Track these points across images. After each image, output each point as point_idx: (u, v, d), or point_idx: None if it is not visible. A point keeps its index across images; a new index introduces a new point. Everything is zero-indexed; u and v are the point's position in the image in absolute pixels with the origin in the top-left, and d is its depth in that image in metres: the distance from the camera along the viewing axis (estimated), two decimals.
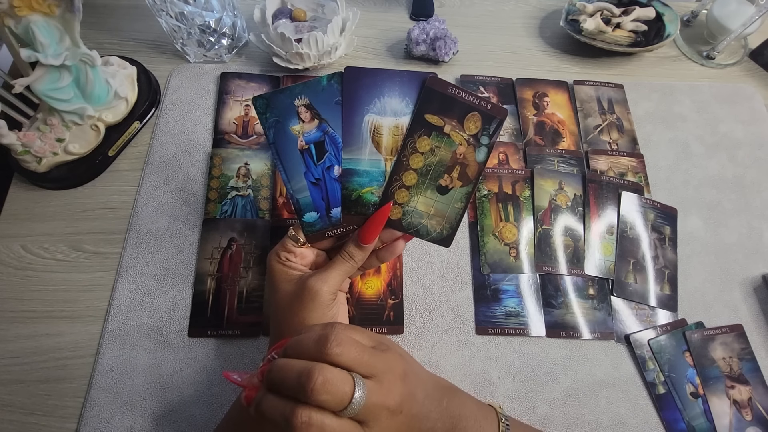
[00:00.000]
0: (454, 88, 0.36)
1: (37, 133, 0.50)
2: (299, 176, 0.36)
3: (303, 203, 0.37)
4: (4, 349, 0.45)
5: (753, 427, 0.45)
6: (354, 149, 0.36)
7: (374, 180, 0.37)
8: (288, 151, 0.36)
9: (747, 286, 0.52)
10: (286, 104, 0.35)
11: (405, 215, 0.38)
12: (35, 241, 0.50)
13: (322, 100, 0.35)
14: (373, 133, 0.36)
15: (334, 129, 0.35)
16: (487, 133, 0.38)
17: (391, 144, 0.36)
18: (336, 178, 0.36)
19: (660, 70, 0.67)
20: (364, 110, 0.36)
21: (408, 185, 0.38)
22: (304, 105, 0.35)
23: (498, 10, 0.71)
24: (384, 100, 0.35)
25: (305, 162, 0.36)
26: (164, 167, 0.54)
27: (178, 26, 0.56)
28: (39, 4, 0.44)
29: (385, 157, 0.36)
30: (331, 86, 0.35)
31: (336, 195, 0.36)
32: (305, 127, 0.35)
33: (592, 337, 0.48)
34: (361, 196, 0.37)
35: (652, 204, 0.55)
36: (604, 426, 0.45)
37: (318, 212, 0.37)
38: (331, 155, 0.36)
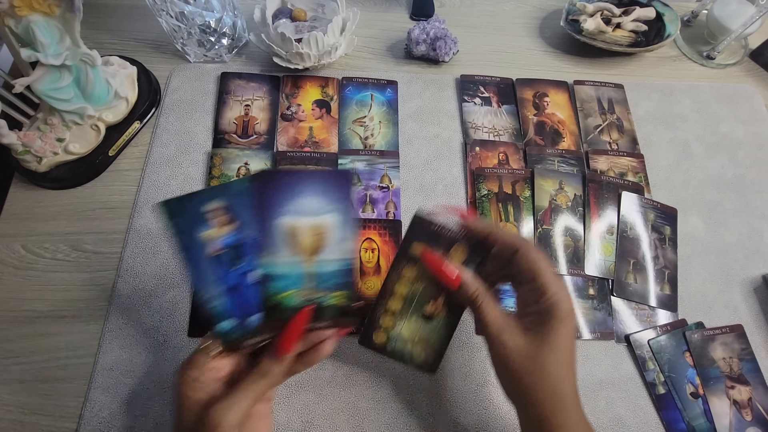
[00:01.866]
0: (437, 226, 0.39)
1: (37, 132, 0.50)
2: (212, 283, 0.33)
3: (218, 312, 0.33)
4: (5, 349, 0.45)
5: (753, 427, 0.45)
6: (270, 252, 0.34)
7: (294, 284, 0.34)
8: (198, 258, 0.33)
9: (747, 286, 0.52)
10: (197, 209, 0.33)
11: (389, 341, 0.39)
12: (36, 241, 0.50)
13: (240, 202, 0.33)
14: (290, 234, 0.34)
15: (250, 232, 0.34)
16: (474, 263, 0.38)
17: (310, 244, 0.34)
18: (254, 283, 0.34)
19: (660, 70, 0.67)
20: (280, 212, 0.34)
21: (393, 311, 0.39)
22: (219, 208, 0.33)
23: (498, 10, 0.71)
24: (300, 201, 0.34)
25: (219, 268, 0.33)
26: (164, 167, 0.54)
27: (179, 26, 0.56)
28: (39, 4, 0.44)
29: (304, 258, 0.34)
30: (246, 189, 0.33)
31: (254, 301, 0.34)
32: (220, 231, 0.33)
33: (592, 337, 0.48)
34: (281, 301, 0.34)
35: (653, 204, 0.55)
36: (605, 426, 0.45)
37: (234, 320, 0.34)
38: (248, 260, 0.34)
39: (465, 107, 0.60)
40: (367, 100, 0.60)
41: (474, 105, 0.60)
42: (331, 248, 0.35)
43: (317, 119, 0.58)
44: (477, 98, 0.61)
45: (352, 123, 0.58)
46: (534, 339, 0.33)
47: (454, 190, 0.55)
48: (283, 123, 0.57)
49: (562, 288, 0.34)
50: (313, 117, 0.58)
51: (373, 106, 0.59)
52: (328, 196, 0.34)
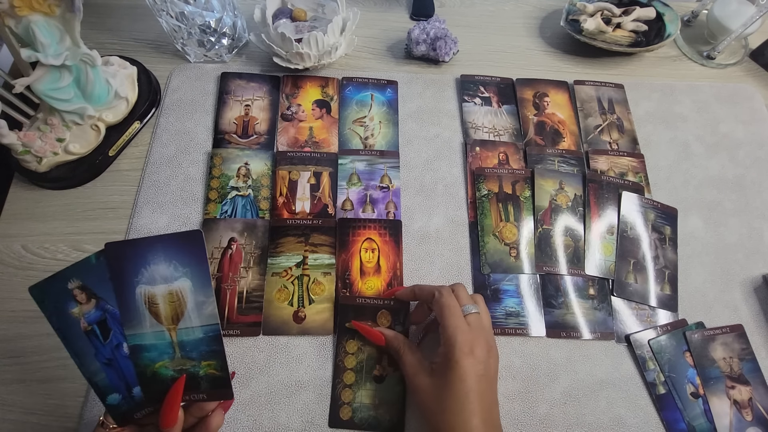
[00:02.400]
0: (361, 299, 0.47)
1: (37, 132, 0.50)
2: (90, 359, 0.34)
3: (102, 385, 0.34)
4: (5, 349, 0.45)
5: (753, 427, 0.45)
6: (135, 324, 0.34)
7: (164, 353, 0.35)
8: (74, 335, 0.34)
9: (747, 286, 0.52)
10: (61, 289, 0.34)
11: (354, 412, 0.43)
12: (36, 241, 0.50)
13: (95, 278, 0.34)
14: (149, 304, 0.34)
15: (113, 306, 0.34)
16: (399, 322, 0.47)
17: (170, 312, 0.34)
18: (127, 356, 0.34)
19: (660, 70, 0.67)
20: (134, 282, 0.34)
21: (349, 384, 0.44)
22: (77, 287, 0.34)
23: (498, 10, 0.71)
24: (151, 269, 0.34)
25: (93, 343, 0.34)
26: (164, 167, 0.54)
27: (179, 26, 0.56)
28: (39, 4, 0.44)
29: (167, 327, 0.34)
30: (101, 263, 0.33)
31: (132, 373, 0.34)
32: (83, 309, 0.34)
33: (593, 337, 0.48)
34: (156, 372, 0.35)
35: (653, 204, 0.55)
36: (605, 426, 0.45)
37: (119, 393, 0.34)
38: (116, 332, 0.34)
39: (465, 107, 0.60)
40: (368, 100, 0.60)
41: (474, 105, 0.60)
42: (191, 315, 0.35)
43: (317, 119, 0.58)
44: (477, 98, 0.61)
45: (353, 123, 0.58)
46: (438, 380, 0.37)
47: (454, 190, 0.55)
48: (283, 123, 0.57)
49: (464, 333, 0.38)
50: (314, 117, 0.58)
51: (373, 106, 0.59)
52: (179, 260, 0.34)
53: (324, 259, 0.49)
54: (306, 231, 0.51)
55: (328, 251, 0.50)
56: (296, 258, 0.49)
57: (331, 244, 0.50)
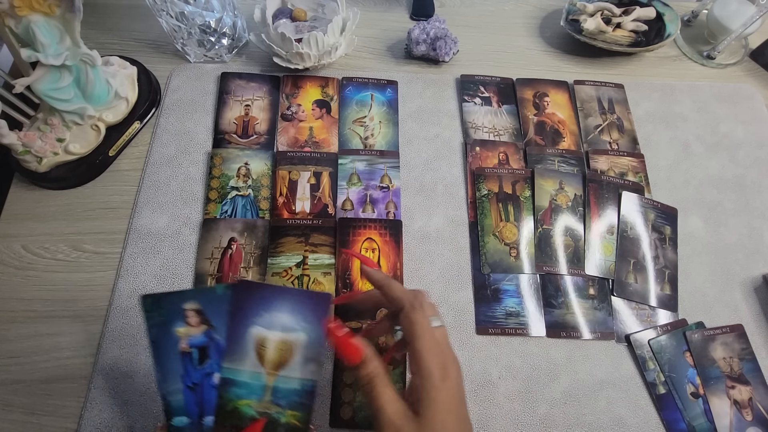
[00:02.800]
0: None
1: (37, 133, 0.50)
2: (176, 378, 0.35)
3: (174, 406, 0.35)
4: (5, 349, 0.45)
5: (753, 427, 0.45)
6: (236, 359, 0.35)
7: (253, 393, 0.35)
8: (168, 351, 0.35)
9: (747, 286, 0.52)
10: (176, 306, 0.35)
11: (355, 412, 0.43)
12: (36, 241, 0.50)
13: (215, 308, 0.35)
14: (258, 345, 0.35)
15: (220, 338, 0.35)
16: None
17: (276, 358, 0.35)
18: (214, 386, 0.35)
19: (660, 69, 0.67)
20: (251, 321, 0.35)
21: (349, 383, 0.43)
22: (194, 309, 0.35)
23: (498, 10, 0.71)
24: (272, 315, 0.35)
25: (184, 365, 0.35)
26: (164, 167, 0.54)
27: (179, 26, 0.56)
28: (39, 4, 0.44)
29: (267, 371, 0.35)
30: (225, 295, 0.35)
31: (212, 403, 0.35)
32: (191, 331, 0.35)
33: (593, 337, 0.48)
34: (238, 408, 0.35)
35: (653, 204, 0.55)
36: (605, 426, 0.45)
37: (189, 418, 0.35)
38: (214, 362, 0.35)
39: (465, 107, 0.60)
40: (368, 100, 0.60)
41: (474, 105, 0.60)
42: (296, 366, 0.35)
43: (317, 119, 0.58)
44: (477, 98, 0.61)
45: (353, 123, 0.58)
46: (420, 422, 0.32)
47: (454, 190, 0.55)
48: (283, 123, 0.57)
49: (435, 355, 0.33)
50: (314, 117, 0.58)
51: (373, 106, 0.59)
52: (302, 315, 0.35)
53: (324, 259, 0.49)
54: (306, 231, 0.51)
55: (328, 251, 0.50)
56: (296, 258, 0.49)
57: (331, 244, 0.50)
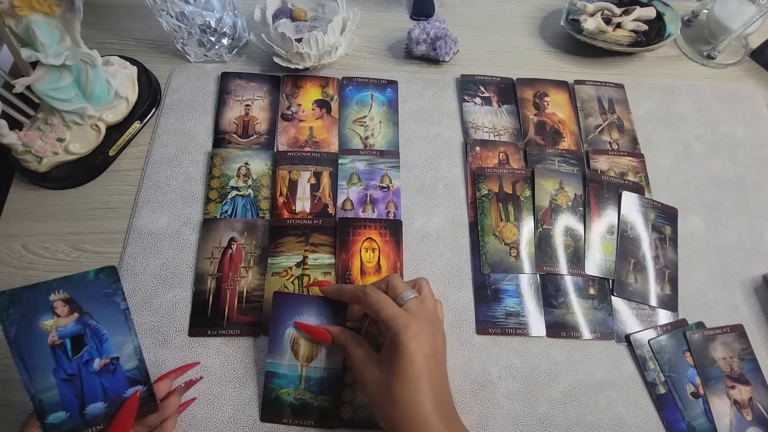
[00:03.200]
0: None
1: (37, 132, 0.50)
2: (46, 374, 0.34)
3: (48, 403, 0.34)
4: (5, 349, 0.45)
5: (753, 427, 0.45)
6: (277, 355, 0.43)
7: (291, 382, 0.43)
8: (33, 348, 0.33)
9: (748, 286, 0.52)
10: (39, 300, 0.33)
11: (356, 411, 0.43)
12: (36, 241, 0.50)
13: (88, 293, 0.34)
14: (293, 343, 0.43)
15: (98, 321, 0.34)
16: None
17: (307, 352, 0.43)
18: (96, 372, 0.34)
19: (661, 69, 0.67)
20: (287, 325, 0.44)
21: (349, 383, 0.44)
22: (62, 299, 0.34)
23: (498, 10, 0.71)
24: (303, 318, 0.44)
25: (56, 358, 0.34)
26: (164, 167, 0.54)
27: (179, 26, 0.56)
28: (39, 4, 0.44)
29: (301, 363, 0.43)
30: (99, 280, 0.34)
31: (94, 390, 0.34)
32: (60, 322, 0.34)
33: (593, 337, 0.48)
34: (279, 396, 0.42)
35: (653, 204, 0.55)
36: (605, 426, 0.45)
37: (68, 411, 0.34)
38: (91, 348, 0.34)
39: (465, 107, 0.60)
40: (368, 99, 0.60)
41: (474, 105, 0.60)
42: (322, 357, 0.43)
43: (317, 119, 0.58)
44: (477, 98, 0.61)
45: (353, 123, 0.58)
46: (385, 371, 0.36)
47: (455, 190, 0.55)
48: (283, 123, 0.57)
49: (404, 318, 0.36)
50: (314, 117, 0.58)
51: (373, 106, 0.59)
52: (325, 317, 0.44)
53: (324, 259, 0.49)
54: (306, 231, 0.51)
55: (328, 251, 0.50)
56: (296, 258, 0.49)
57: (332, 243, 0.50)
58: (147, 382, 0.36)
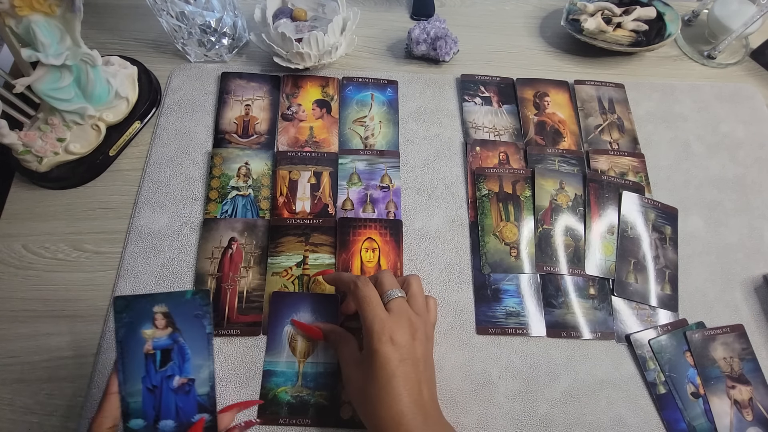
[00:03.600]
0: None
1: (38, 132, 0.50)
2: (136, 380, 0.35)
3: (132, 408, 0.35)
4: (5, 349, 0.45)
5: (754, 427, 0.45)
6: (275, 353, 0.45)
7: (288, 380, 0.44)
8: (133, 352, 0.36)
9: (748, 286, 0.52)
10: (145, 309, 0.36)
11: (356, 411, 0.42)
12: (36, 241, 0.50)
13: (182, 311, 0.36)
14: (290, 340, 0.45)
15: (185, 340, 0.36)
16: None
17: (304, 348, 0.45)
18: (174, 389, 0.36)
19: (661, 69, 0.67)
20: (284, 322, 0.45)
21: None
22: (162, 312, 0.36)
23: (499, 10, 0.71)
24: (299, 315, 0.46)
25: (147, 367, 0.36)
26: (165, 167, 0.54)
27: (179, 26, 0.56)
28: (40, 4, 0.44)
29: (298, 359, 0.44)
30: (194, 301, 0.36)
31: (169, 407, 0.36)
32: (157, 333, 0.36)
33: (593, 337, 0.48)
34: (276, 396, 0.43)
35: (653, 204, 0.55)
36: (605, 426, 0.45)
37: (146, 421, 0.35)
38: (174, 365, 0.36)
39: (465, 107, 0.60)
40: (368, 99, 0.60)
41: (474, 105, 0.60)
42: (319, 352, 0.45)
43: (318, 119, 0.58)
44: (477, 98, 0.61)
45: (353, 123, 0.58)
46: (362, 372, 0.38)
47: (455, 190, 0.55)
48: (283, 123, 0.57)
49: (380, 322, 0.37)
50: (314, 117, 0.58)
51: (373, 106, 0.59)
52: (320, 312, 0.46)
53: (324, 259, 0.49)
54: (306, 231, 0.51)
55: (328, 251, 0.50)
56: (296, 258, 0.49)
57: (332, 243, 0.50)
58: (213, 411, 0.36)
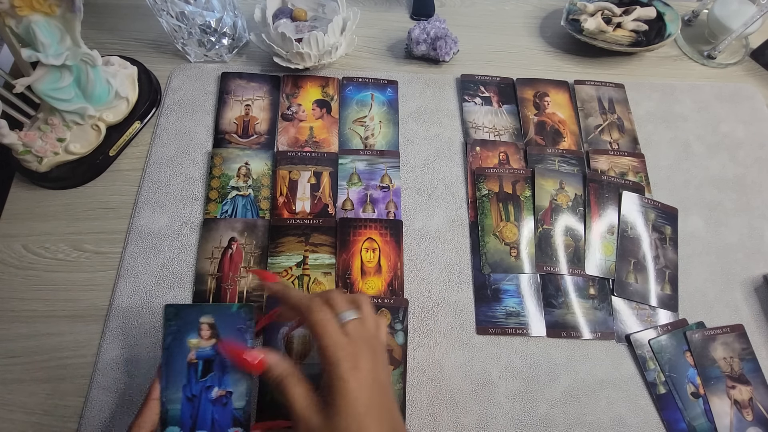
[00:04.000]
0: None
1: (38, 132, 0.50)
2: (177, 387, 0.36)
3: (171, 415, 0.36)
4: (5, 349, 0.45)
5: (754, 427, 0.45)
6: None
7: None
8: (177, 360, 0.36)
9: (748, 286, 0.52)
10: (193, 319, 0.37)
11: None
12: (36, 241, 0.50)
13: (227, 324, 0.37)
14: (286, 342, 0.45)
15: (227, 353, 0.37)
16: (398, 320, 0.47)
17: (300, 350, 0.45)
18: (212, 400, 0.36)
19: (661, 69, 0.67)
20: (280, 325, 0.45)
21: None
22: (208, 323, 0.37)
23: (499, 10, 0.71)
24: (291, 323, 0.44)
25: (188, 375, 0.36)
26: (165, 167, 0.54)
27: (179, 26, 0.56)
28: (40, 4, 0.44)
29: (295, 361, 0.44)
30: (239, 314, 0.38)
31: (205, 418, 0.36)
32: (201, 343, 0.37)
33: (593, 337, 0.48)
34: (274, 399, 0.42)
35: (653, 204, 0.55)
36: (605, 426, 0.45)
37: (182, 429, 0.36)
38: (215, 376, 0.37)
39: (465, 107, 0.60)
40: (368, 99, 0.60)
41: (474, 105, 0.60)
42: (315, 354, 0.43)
43: (318, 119, 0.58)
44: (477, 98, 0.61)
45: (353, 123, 0.58)
46: (328, 411, 0.32)
47: (455, 190, 0.55)
48: (283, 123, 0.57)
49: (343, 347, 0.33)
50: (314, 117, 0.58)
51: (373, 106, 0.59)
52: None
53: (324, 259, 0.50)
54: (306, 231, 0.51)
55: (328, 251, 0.50)
56: (296, 258, 0.49)
57: (332, 243, 0.50)
58: (247, 427, 0.36)
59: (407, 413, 0.44)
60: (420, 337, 0.47)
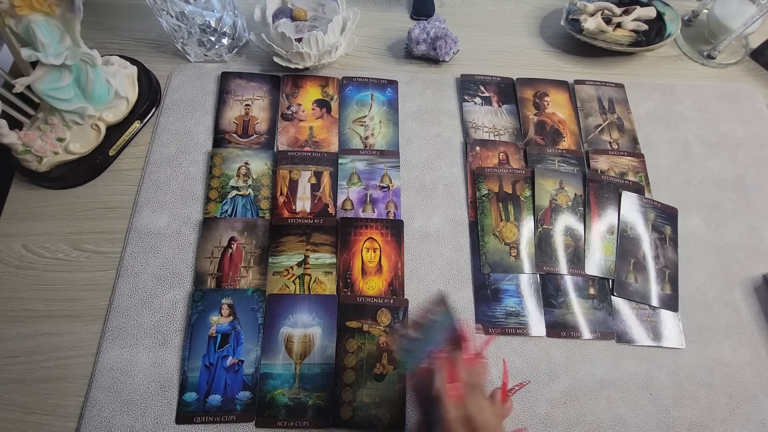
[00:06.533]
0: (360, 298, 0.47)
1: (37, 132, 0.50)
2: (198, 356, 0.44)
3: (190, 382, 0.43)
4: (5, 348, 0.45)
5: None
6: (271, 355, 0.45)
7: (285, 382, 0.44)
8: (200, 334, 0.44)
9: (748, 285, 0.52)
10: (216, 300, 0.46)
11: (355, 411, 0.43)
12: (36, 241, 0.50)
13: (243, 305, 0.46)
14: (287, 341, 0.45)
15: (242, 327, 0.45)
16: (398, 320, 0.47)
17: (300, 349, 0.45)
18: (226, 368, 0.43)
19: (661, 69, 0.67)
20: (280, 324, 0.46)
21: (349, 383, 0.44)
22: (228, 304, 0.46)
23: (499, 10, 0.71)
24: (296, 316, 0.46)
25: (208, 347, 0.44)
26: (165, 167, 0.54)
27: (179, 26, 0.56)
28: (40, 4, 0.44)
29: (295, 361, 0.45)
30: (253, 297, 0.46)
31: (219, 383, 0.43)
32: (221, 320, 0.45)
33: (593, 337, 0.48)
34: (274, 398, 0.43)
35: (653, 204, 0.55)
36: (605, 426, 0.45)
37: (198, 394, 0.42)
38: (230, 347, 0.44)
39: (465, 107, 0.60)
40: (368, 99, 0.60)
41: (474, 105, 0.60)
42: (316, 353, 0.45)
43: (317, 119, 0.58)
44: (477, 98, 0.61)
45: (353, 122, 0.58)
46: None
47: (455, 190, 0.55)
48: (283, 122, 0.57)
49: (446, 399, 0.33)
50: (314, 116, 0.58)
51: (373, 106, 0.59)
52: (317, 313, 0.47)
53: (325, 259, 0.49)
54: (307, 230, 0.51)
55: (329, 251, 0.50)
56: (297, 257, 0.49)
57: (333, 243, 0.50)
58: (255, 391, 0.43)
59: (407, 413, 0.44)
60: None
